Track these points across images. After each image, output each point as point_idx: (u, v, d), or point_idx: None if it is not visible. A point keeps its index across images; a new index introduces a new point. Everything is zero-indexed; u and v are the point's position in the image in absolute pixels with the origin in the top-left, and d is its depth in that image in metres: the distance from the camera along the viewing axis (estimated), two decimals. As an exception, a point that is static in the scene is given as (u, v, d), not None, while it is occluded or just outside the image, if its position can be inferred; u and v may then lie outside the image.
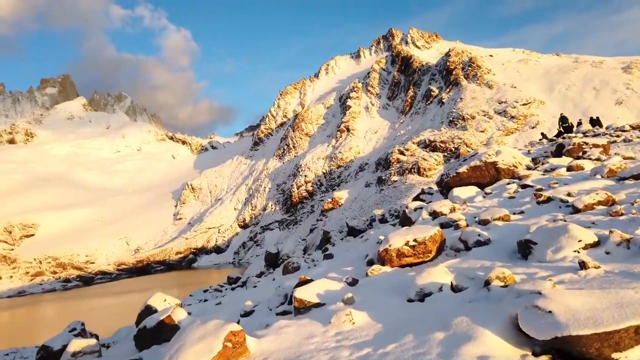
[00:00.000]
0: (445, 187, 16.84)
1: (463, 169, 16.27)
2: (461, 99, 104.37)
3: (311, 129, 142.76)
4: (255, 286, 10.90)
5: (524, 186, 12.27)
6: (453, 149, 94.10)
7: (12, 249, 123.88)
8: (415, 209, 12.95)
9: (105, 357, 7.44)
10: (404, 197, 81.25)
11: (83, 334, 14.29)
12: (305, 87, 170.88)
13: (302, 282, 6.44)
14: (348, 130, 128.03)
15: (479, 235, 7.18)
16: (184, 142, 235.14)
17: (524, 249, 5.66)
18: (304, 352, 3.81)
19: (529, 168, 15.60)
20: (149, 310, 9.74)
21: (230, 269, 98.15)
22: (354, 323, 4.32)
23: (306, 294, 5.47)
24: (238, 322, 6.39)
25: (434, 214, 11.12)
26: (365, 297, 5.33)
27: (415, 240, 7.21)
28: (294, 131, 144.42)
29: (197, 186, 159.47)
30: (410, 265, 7.21)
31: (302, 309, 5.33)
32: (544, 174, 13.70)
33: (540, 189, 10.97)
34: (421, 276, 4.99)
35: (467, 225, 9.04)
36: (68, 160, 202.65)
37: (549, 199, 9.27)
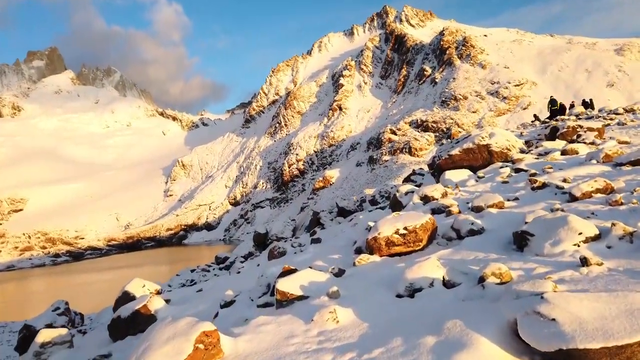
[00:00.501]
0: (437, 169, 16.52)
1: (455, 151, 15.94)
2: (454, 79, 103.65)
3: (303, 107, 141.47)
4: (239, 272, 10.56)
5: (518, 170, 11.98)
6: (445, 130, 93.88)
7: (1, 224, 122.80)
8: (407, 193, 12.63)
9: (77, 349, 7.06)
10: (395, 176, 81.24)
11: (67, 313, 13.99)
12: (298, 64, 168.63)
13: (286, 272, 6.10)
14: (340, 109, 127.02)
15: (472, 224, 6.91)
16: (174, 118, 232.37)
17: (520, 241, 5.33)
18: (283, 356, 3.49)
19: (522, 151, 15.29)
20: (126, 297, 9.41)
21: (221, 246, 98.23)
22: (338, 322, 3.99)
23: (289, 285, 5.14)
24: (216, 316, 6.10)
25: (425, 199, 10.80)
26: (352, 291, 5.00)
27: (405, 228, 6.89)
28: (285, 109, 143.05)
29: (187, 163, 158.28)
30: (400, 254, 6.91)
31: (285, 301, 5.00)
32: (537, 158, 13.40)
33: (535, 174, 10.67)
34: (411, 269, 4.65)
35: (460, 212, 8.69)
36: (56, 135, 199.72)
37: (544, 185, 8.96)
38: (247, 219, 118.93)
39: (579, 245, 4.68)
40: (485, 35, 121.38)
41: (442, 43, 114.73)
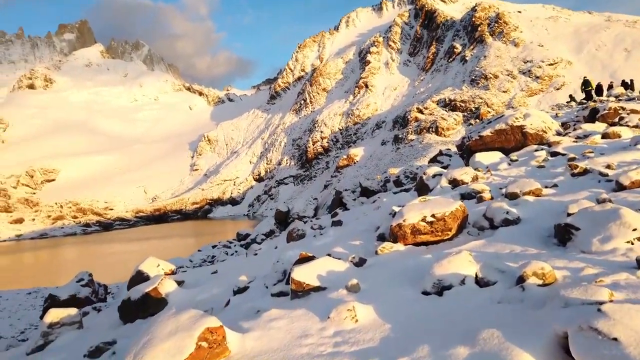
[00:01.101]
0: (466, 151, 15.76)
1: (487, 132, 15.07)
2: (485, 57, 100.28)
3: (329, 84, 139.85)
4: (256, 254, 10.24)
5: (555, 154, 11.24)
6: (473, 109, 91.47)
7: (34, 193, 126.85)
8: (434, 176, 11.97)
9: (86, 330, 6.89)
10: (421, 156, 79.92)
11: (91, 284, 14.11)
12: (325, 40, 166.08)
13: (303, 259, 5.75)
14: (366, 86, 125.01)
15: (507, 212, 6.33)
16: (200, 93, 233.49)
17: (563, 234, 4.78)
18: (294, 358, 3.13)
19: (558, 134, 14.38)
20: (139, 276, 9.24)
21: (244, 221, 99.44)
22: (357, 321, 3.59)
23: (306, 274, 4.76)
24: (227, 304, 5.79)
25: (454, 183, 10.15)
26: (373, 284, 4.58)
27: (433, 215, 6.37)
28: (311, 86, 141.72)
29: (213, 138, 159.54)
30: (427, 244, 6.43)
31: (300, 292, 4.62)
32: (576, 141, 12.57)
33: (574, 159, 9.96)
34: (440, 264, 4.18)
35: (492, 198, 8.14)
36: (87, 108, 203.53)
37: (585, 171, 8.27)
38: (271, 195, 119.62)
39: (632, 243, 4.13)
40: (519, 12, 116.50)
41: (473, 19, 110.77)
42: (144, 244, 75.57)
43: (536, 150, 12.50)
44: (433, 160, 23.03)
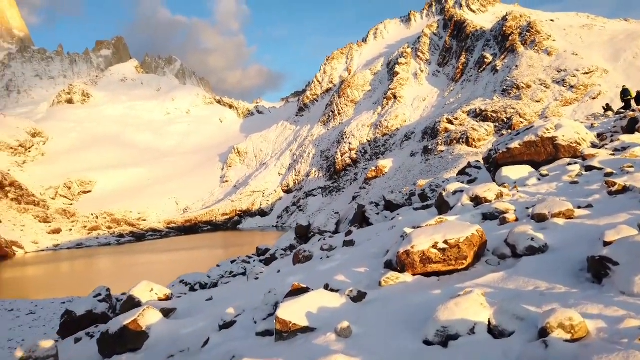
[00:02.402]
0: (493, 164, 14.81)
1: (515, 144, 14.09)
2: (517, 66, 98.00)
3: (357, 95, 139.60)
4: (257, 278, 9.65)
5: (589, 168, 10.26)
6: (505, 120, 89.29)
7: (72, 204, 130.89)
8: (455, 192, 11.11)
9: (59, 366, 6.45)
10: (451, 168, 78.34)
11: (108, 299, 13.85)
12: (353, 52, 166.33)
13: (295, 292, 5.22)
14: (395, 97, 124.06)
15: (532, 238, 5.53)
16: (230, 106, 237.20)
17: (598, 269, 3.94)
18: None
19: (594, 146, 13.28)
20: (131, 302, 8.79)
21: (273, 232, 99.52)
22: (342, 381, 2.98)
23: (293, 312, 4.15)
24: (205, 343, 5.20)
25: (477, 200, 9.36)
26: (368, 328, 3.90)
27: (446, 242, 5.64)
28: (339, 97, 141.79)
29: (243, 150, 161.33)
30: (438, 274, 5.73)
31: (285, 332, 4.02)
32: (613, 154, 11.52)
33: (611, 174, 9.02)
34: (446, 307, 3.47)
35: (517, 219, 7.33)
36: (121, 121, 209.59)
37: (625, 189, 7.31)
38: (300, 206, 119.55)
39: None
40: (551, 20, 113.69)
41: (504, 29, 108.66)
42: (174, 255, 76.52)
43: (569, 164, 11.51)
44: (461, 173, 22.17)
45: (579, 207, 7.01)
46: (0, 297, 39.38)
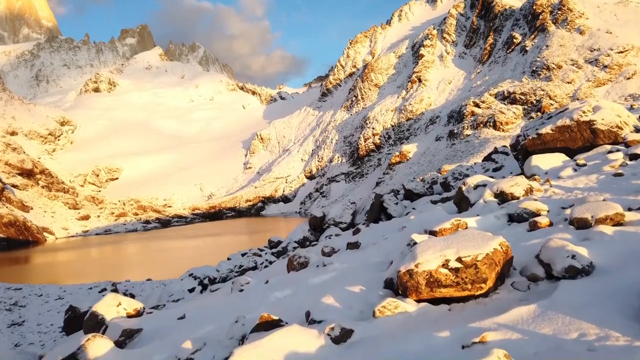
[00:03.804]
0: (521, 151, 13.46)
1: (547, 128, 12.75)
2: (547, 46, 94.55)
3: (381, 79, 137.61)
4: (242, 289, 8.82)
5: (635, 156, 9.20)
6: (534, 102, 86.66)
7: (99, 191, 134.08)
8: (476, 187, 9.74)
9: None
10: (477, 152, 76.68)
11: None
12: (377, 35, 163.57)
13: (263, 325, 4.49)
14: (420, 80, 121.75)
15: (572, 256, 4.41)
16: (253, 93, 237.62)
17: None
18: None
19: (637, 130, 12.05)
20: (93, 320, 7.93)
21: (296, 219, 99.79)
22: None
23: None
24: None
25: (502, 196, 8.23)
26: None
27: (460, 259, 4.53)
28: (362, 82, 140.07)
29: (265, 136, 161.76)
30: (449, 300, 4.64)
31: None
32: (661, 139, 10.56)
33: (662, 162, 8.20)
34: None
35: (551, 224, 6.25)
36: (147, 109, 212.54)
37: (683, 182, 6.52)
38: (323, 192, 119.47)
39: None
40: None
41: (534, 7, 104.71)
42: (199, 241, 77.66)
43: (610, 152, 10.39)
44: (487, 159, 21.29)
45: (630, 210, 5.85)
46: (31, 282, 40.58)
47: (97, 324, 7.91)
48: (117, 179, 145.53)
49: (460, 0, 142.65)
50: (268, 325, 4.68)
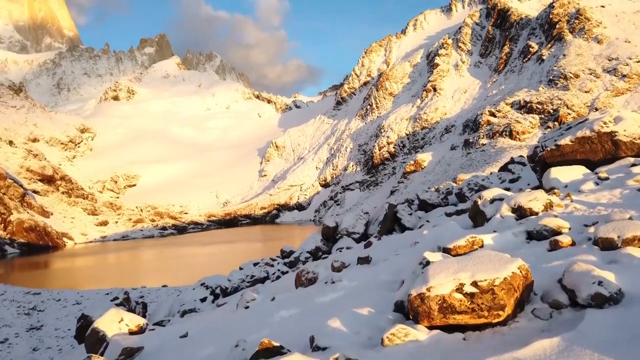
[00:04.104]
0: (539, 162, 13.23)
1: (566, 140, 12.39)
2: (564, 55, 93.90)
3: (395, 88, 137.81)
4: (247, 307, 8.69)
5: None
6: (551, 111, 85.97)
7: (118, 197, 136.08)
8: (492, 201, 9.41)
9: None
10: (493, 162, 76.22)
11: (126, 302, 13.81)
12: (391, 44, 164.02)
13: (263, 353, 4.33)
14: (435, 89, 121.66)
15: (599, 282, 4.08)
16: (269, 101, 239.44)
17: None
18: None
19: None
20: (94, 336, 7.91)
21: (311, 227, 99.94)
22: None
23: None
24: None
25: (519, 211, 7.96)
26: None
27: (475, 283, 4.26)
28: (377, 90, 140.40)
29: (281, 144, 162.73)
30: (464, 328, 4.37)
31: None
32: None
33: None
34: None
35: (573, 244, 5.89)
36: (164, 117, 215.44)
37: None
38: (337, 200, 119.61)
39: None
40: (602, 6, 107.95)
41: (551, 16, 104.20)
42: (214, 248, 78.32)
43: (633, 165, 10.01)
44: (503, 169, 21.19)
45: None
46: (50, 287, 41.40)
47: (98, 341, 7.86)
48: (134, 185, 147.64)
49: (476, 9, 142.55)
50: (268, 353, 4.48)
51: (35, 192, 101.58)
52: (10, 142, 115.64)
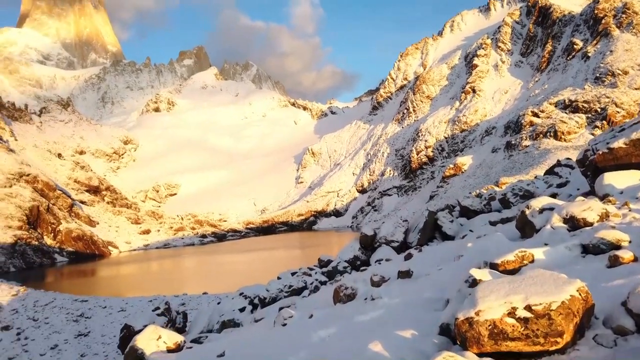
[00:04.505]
0: (590, 167, 12.27)
1: (619, 142, 11.35)
2: (611, 51, 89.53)
3: (433, 91, 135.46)
4: (284, 324, 8.37)
5: None
6: (599, 110, 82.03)
7: (159, 206, 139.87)
8: (542, 210, 8.68)
9: None
10: (537, 164, 73.32)
11: (167, 313, 13.82)
12: (428, 46, 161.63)
13: None
14: (474, 91, 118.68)
15: None
16: (305, 108, 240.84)
17: None
18: None
19: None
20: (133, 354, 7.86)
21: (348, 233, 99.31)
22: None
23: None
24: None
25: (572, 222, 7.22)
26: None
27: (529, 307, 3.86)
28: (414, 94, 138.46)
29: (317, 151, 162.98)
30: (517, 355, 3.97)
31: None
32: None
33: None
34: None
35: (636, 259, 5.36)
36: (203, 127, 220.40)
37: None
38: (375, 206, 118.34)
39: None
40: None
41: (596, 12, 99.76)
42: (252, 255, 78.99)
43: None
44: (549, 172, 19.86)
45: None
46: (96, 294, 42.64)
47: (136, 358, 7.89)
48: (175, 194, 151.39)
49: (516, 8, 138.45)
50: None
51: (82, 202, 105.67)
52: (59, 155, 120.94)
